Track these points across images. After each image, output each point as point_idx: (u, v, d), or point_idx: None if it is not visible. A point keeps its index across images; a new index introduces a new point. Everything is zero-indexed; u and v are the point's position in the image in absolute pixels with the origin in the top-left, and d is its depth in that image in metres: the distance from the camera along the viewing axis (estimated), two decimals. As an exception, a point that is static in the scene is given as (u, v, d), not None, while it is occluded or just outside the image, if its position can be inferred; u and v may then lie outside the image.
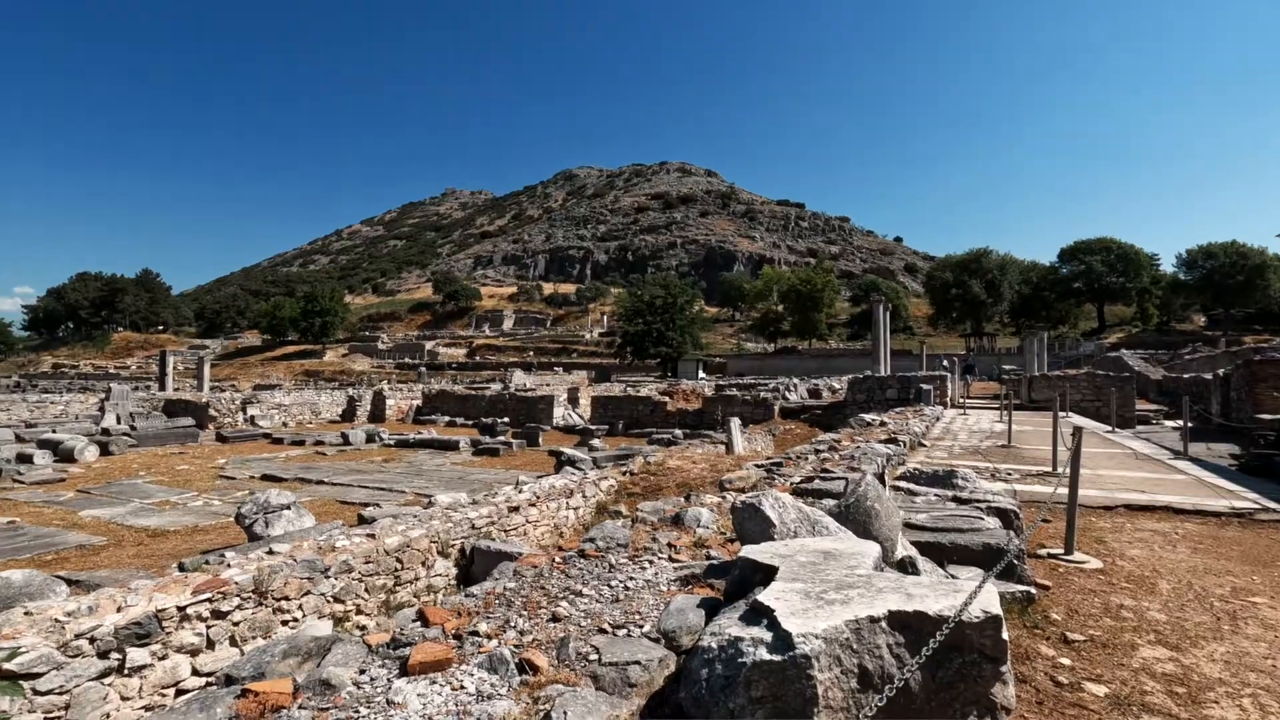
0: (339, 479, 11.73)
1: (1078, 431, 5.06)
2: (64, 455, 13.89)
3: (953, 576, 3.31)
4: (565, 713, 1.65)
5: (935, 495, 4.76)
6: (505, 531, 6.84)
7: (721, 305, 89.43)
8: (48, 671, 3.33)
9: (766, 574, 2.30)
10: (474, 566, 6.08)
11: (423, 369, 54.58)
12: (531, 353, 66.66)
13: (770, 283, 66.82)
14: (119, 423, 19.06)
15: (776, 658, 1.70)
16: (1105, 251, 59.31)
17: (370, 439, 17.47)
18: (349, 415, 24.57)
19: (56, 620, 3.63)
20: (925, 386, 17.11)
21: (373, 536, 5.56)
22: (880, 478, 5.14)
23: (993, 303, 60.40)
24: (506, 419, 21.54)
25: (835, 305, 65.67)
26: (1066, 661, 2.89)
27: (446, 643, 2.15)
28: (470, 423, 22.42)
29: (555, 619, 2.41)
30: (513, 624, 2.36)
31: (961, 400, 20.66)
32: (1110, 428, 13.29)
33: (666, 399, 22.12)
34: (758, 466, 6.74)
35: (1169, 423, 17.10)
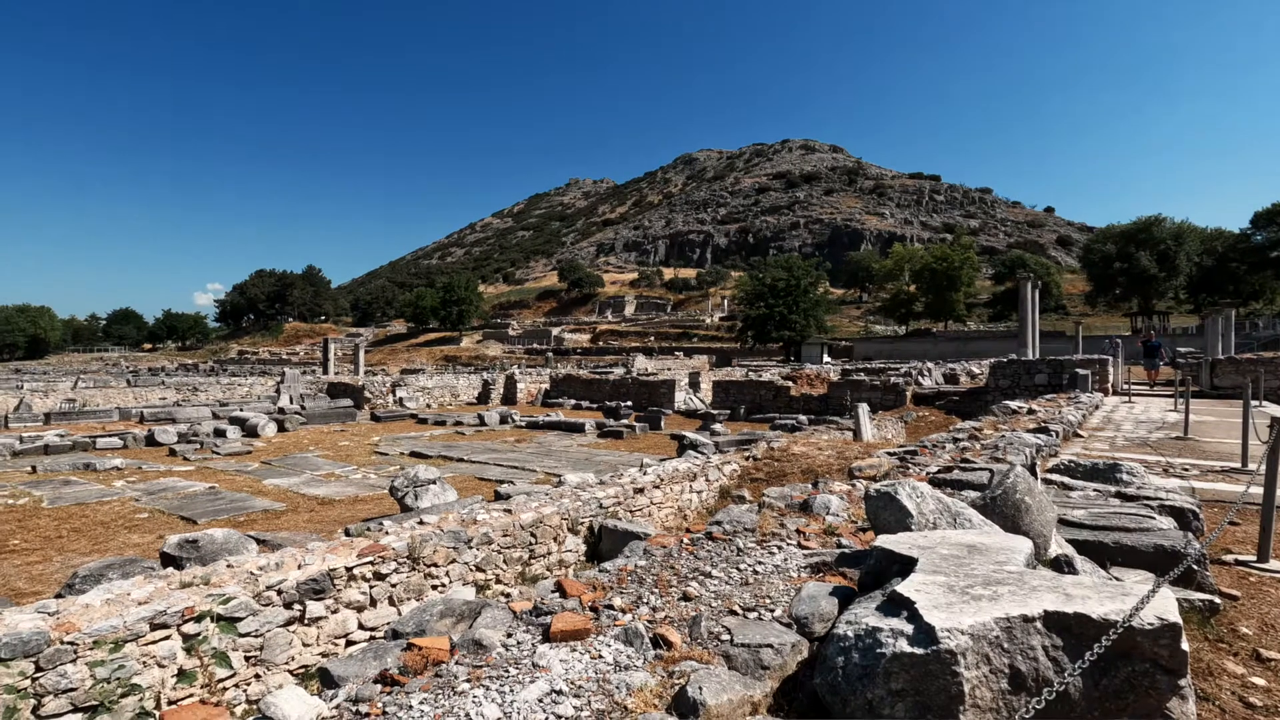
0: (476, 457, 12.55)
1: (1276, 423, 4.41)
2: (249, 430, 15.86)
3: (1116, 579, 3.02)
4: (700, 688, 1.69)
5: (1095, 490, 4.35)
6: (631, 512, 7.02)
7: (847, 286, 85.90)
8: (247, 616, 3.86)
9: (904, 565, 2.22)
10: (602, 544, 6.31)
11: (549, 354, 56.93)
12: (652, 337, 67.53)
13: (901, 261, 63.05)
14: (291, 403, 21.47)
15: (918, 651, 1.64)
16: (1314, 214, 50.65)
17: (503, 420, 18.52)
18: (483, 398, 26.15)
19: (251, 573, 4.18)
20: (1081, 371, 15.54)
21: (509, 512, 5.91)
22: (1030, 469, 4.76)
23: (1165, 277, 53.36)
24: (629, 402, 22.00)
25: (974, 284, 60.81)
26: (1260, 682, 2.56)
27: (584, 614, 2.26)
28: (594, 406, 23.14)
29: (686, 598, 2.46)
30: (645, 600, 2.44)
31: (1126, 387, 18.58)
32: (1318, 419, 11.44)
33: (789, 384, 21.64)
34: (889, 454, 6.46)
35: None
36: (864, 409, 13.16)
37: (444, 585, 5.11)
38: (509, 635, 2.12)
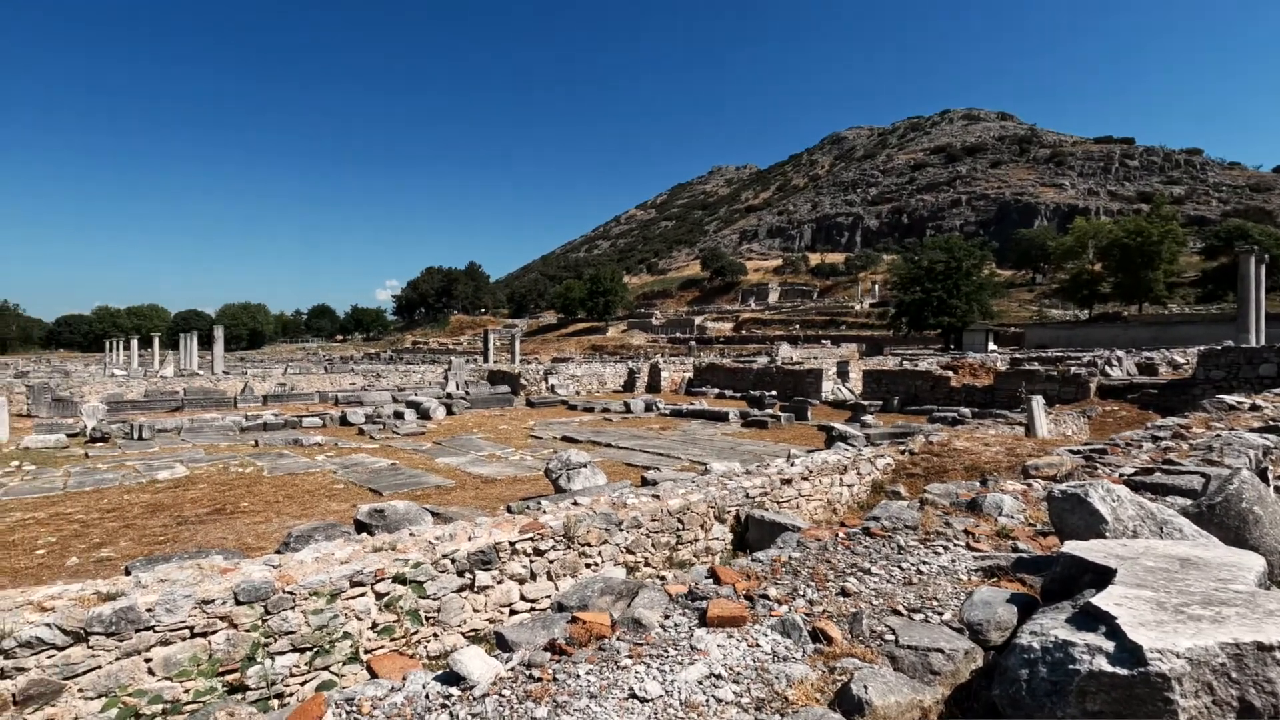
0: (623, 443, 12.94)
1: None
2: (423, 413, 17.48)
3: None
4: (866, 687, 1.64)
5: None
6: (778, 503, 6.91)
7: (1017, 267, 78.03)
8: (427, 581, 4.27)
9: (1098, 576, 2.00)
10: (748, 533, 6.27)
11: (692, 343, 57.28)
12: (797, 325, 65.68)
13: (1084, 237, 56.00)
14: (457, 389, 23.37)
15: (1121, 671, 1.47)
16: None
17: (648, 408, 18.93)
18: (629, 386, 26.88)
19: (429, 542, 4.61)
20: (1324, 361, 13.03)
21: (657, 497, 6.04)
22: (1260, 475, 4.08)
23: None
24: (773, 392, 21.61)
25: (1177, 260, 52.65)
26: None
27: (739, 602, 2.26)
28: (738, 395, 22.98)
29: (844, 594, 2.38)
30: (801, 593, 2.39)
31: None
32: None
33: (949, 373, 20.14)
34: (1071, 452, 5.82)
35: None
36: (1038, 402, 11.95)
37: (596, 564, 5.33)
38: (666, 617, 2.17)
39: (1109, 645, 1.54)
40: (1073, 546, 2.20)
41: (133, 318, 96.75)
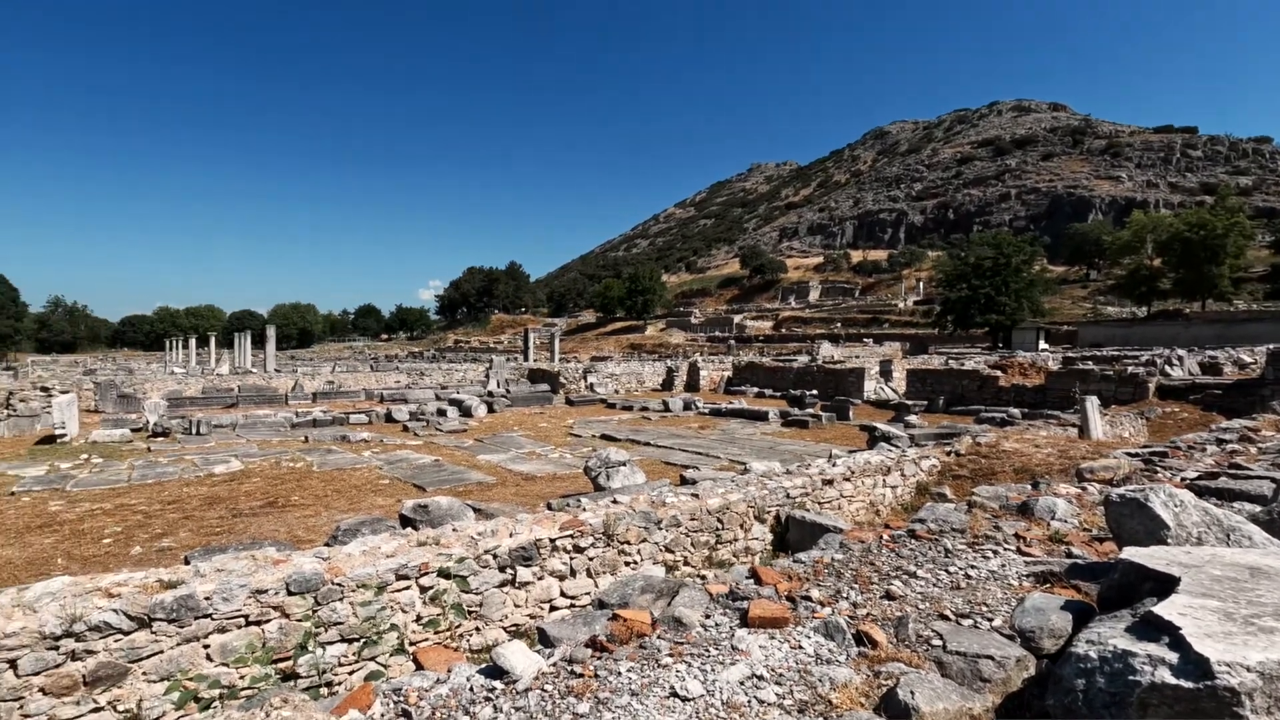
0: (662, 442, 12.93)
1: None
2: (464, 411, 17.77)
3: None
4: (912, 693, 1.60)
5: None
6: (819, 504, 6.82)
7: (1070, 263, 75.25)
8: (469, 575, 4.34)
9: (1160, 584, 1.91)
10: (789, 534, 6.20)
11: (731, 341, 56.91)
12: (839, 324, 64.65)
13: (1143, 231, 53.55)
14: (498, 387, 23.70)
15: (1185, 684, 1.41)
16: None
17: (687, 407, 18.88)
18: (668, 384, 26.86)
19: (472, 538, 4.68)
20: None
21: (696, 496, 6.02)
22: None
23: None
24: (814, 391, 21.32)
25: (1244, 254, 49.99)
26: None
27: (780, 603, 2.24)
28: (778, 394, 22.74)
29: (889, 597, 2.33)
30: (844, 595, 2.35)
31: None
32: None
33: (998, 373, 19.57)
34: (1129, 455, 5.60)
35: None
36: (1093, 402, 11.50)
37: (635, 562, 5.34)
38: (707, 616, 2.16)
39: (1172, 657, 1.48)
40: (1132, 553, 2.11)
41: (191, 318, 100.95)
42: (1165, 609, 1.65)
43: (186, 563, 4.27)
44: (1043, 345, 39.22)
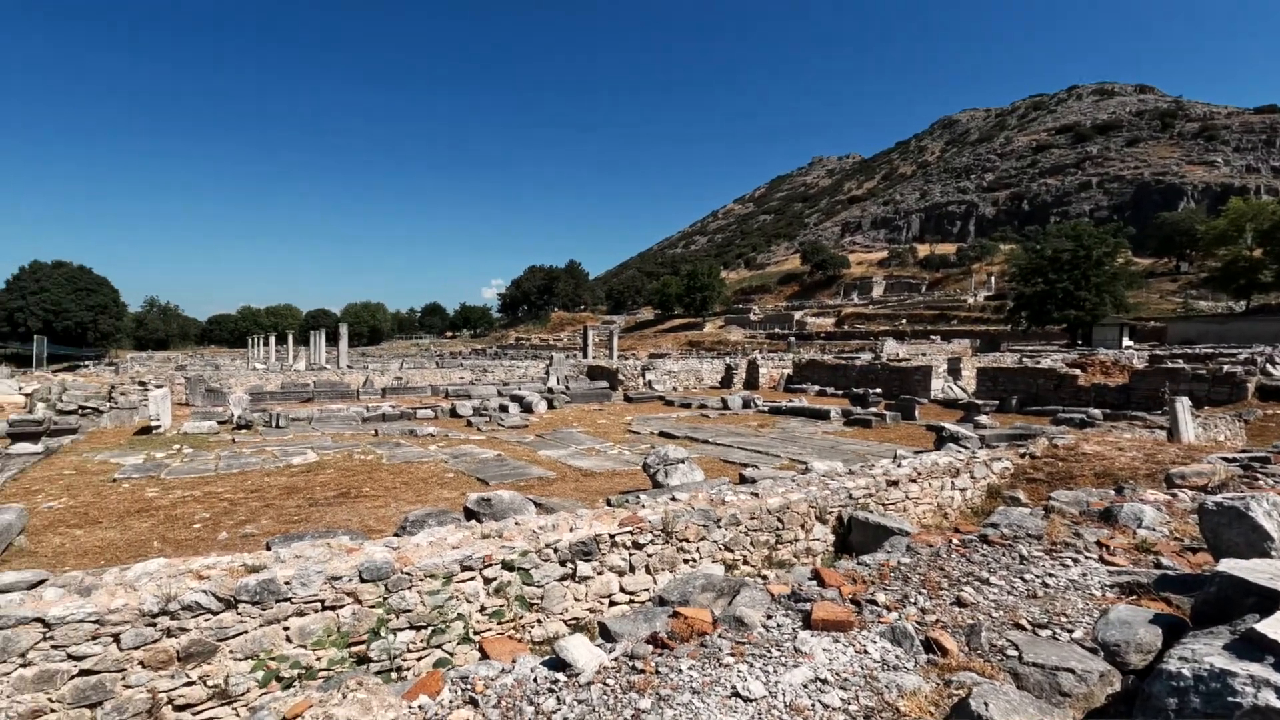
0: (720, 440, 12.85)
1: None
2: (525, 407, 18.11)
3: None
4: (986, 704, 1.54)
5: None
6: (883, 505, 6.64)
7: (1158, 255, 70.63)
8: (532, 569, 4.43)
9: (1264, 600, 1.78)
10: (851, 536, 6.06)
11: (792, 338, 56.00)
12: (904, 320, 62.70)
13: (1241, 219, 49.61)
14: (558, 384, 24.04)
15: (1295, 709, 1.30)
16: None
17: (746, 405, 18.69)
18: (726, 382, 26.66)
19: (534, 531, 4.77)
20: None
21: (756, 495, 5.95)
22: None
23: None
24: (878, 390, 20.75)
25: (1359, 244, 45.73)
26: None
27: (844, 606, 2.19)
28: (840, 393, 22.25)
29: (960, 603, 2.25)
30: (912, 600, 2.29)
31: None
32: None
33: (1077, 371, 18.59)
34: (1225, 460, 5.23)
35: None
36: (1183, 403, 10.79)
37: (694, 560, 5.33)
38: (769, 617, 2.14)
39: (1278, 679, 1.37)
40: (1231, 565, 1.97)
41: (270, 316, 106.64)
42: (1270, 627, 1.54)
43: (268, 549, 4.51)
44: (1126, 342, 37.03)
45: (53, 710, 3.10)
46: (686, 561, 5.28)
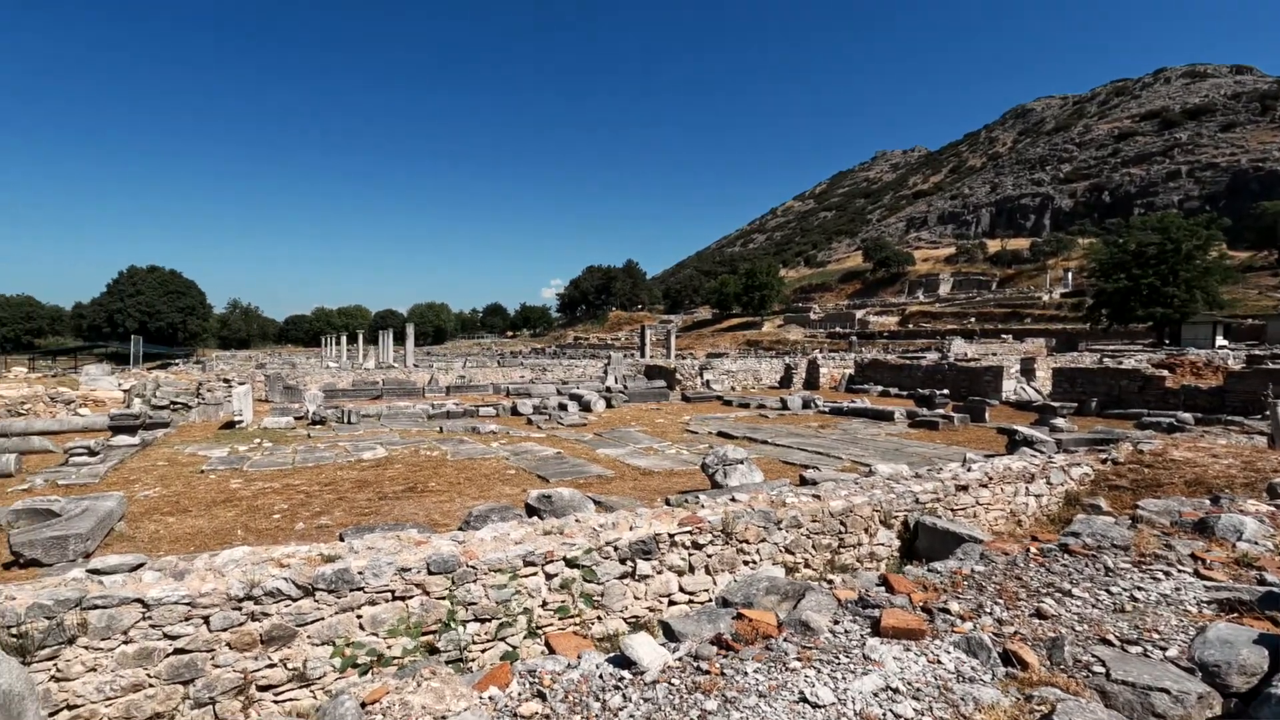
0: (780, 440, 12.67)
1: None
2: (584, 406, 18.31)
3: None
4: (1072, 722, 1.47)
5: None
6: (951, 511, 6.41)
7: (1257, 247, 65.62)
8: (591, 566, 4.47)
9: (1389, 622, 1.63)
10: (918, 541, 5.89)
11: (853, 338, 54.71)
12: (972, 319, 60.34)
13: (1351, 208, 45.83)
14: (615, 383, 24.20)
15: None
16: None
17: (806, 405, 18.37)
18: (785, 382, 26.27)
19: (594, 529, 4.81)
20: None
21: (818, 498, 5.84)
22: None
23: None
24: (945, 391, 20.04)
25: None
26: None
27: (915, 614, 2.13)
28: (904, 393, 21.60)
29: (1039, 615, 2.15)
30: (988, 610, 2.20)
31: None
32: None
33: (1164, 372, 17.49)
34: (1337, 470, 4.82)
35: None
36: (1287, 408, 9.98)
37: (754, 562, 5.27)
38: (835, 622, 2.10)
39: None
40: (1349, 584, 1.82)
41: (342, 317, 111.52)
42: (1397, 653, 1.41)
43: (342, 540, 4.70)
44: (1220, 341, 34.61)
45: (151, 685, 3.32)
46: (746, 563, 5.23)
